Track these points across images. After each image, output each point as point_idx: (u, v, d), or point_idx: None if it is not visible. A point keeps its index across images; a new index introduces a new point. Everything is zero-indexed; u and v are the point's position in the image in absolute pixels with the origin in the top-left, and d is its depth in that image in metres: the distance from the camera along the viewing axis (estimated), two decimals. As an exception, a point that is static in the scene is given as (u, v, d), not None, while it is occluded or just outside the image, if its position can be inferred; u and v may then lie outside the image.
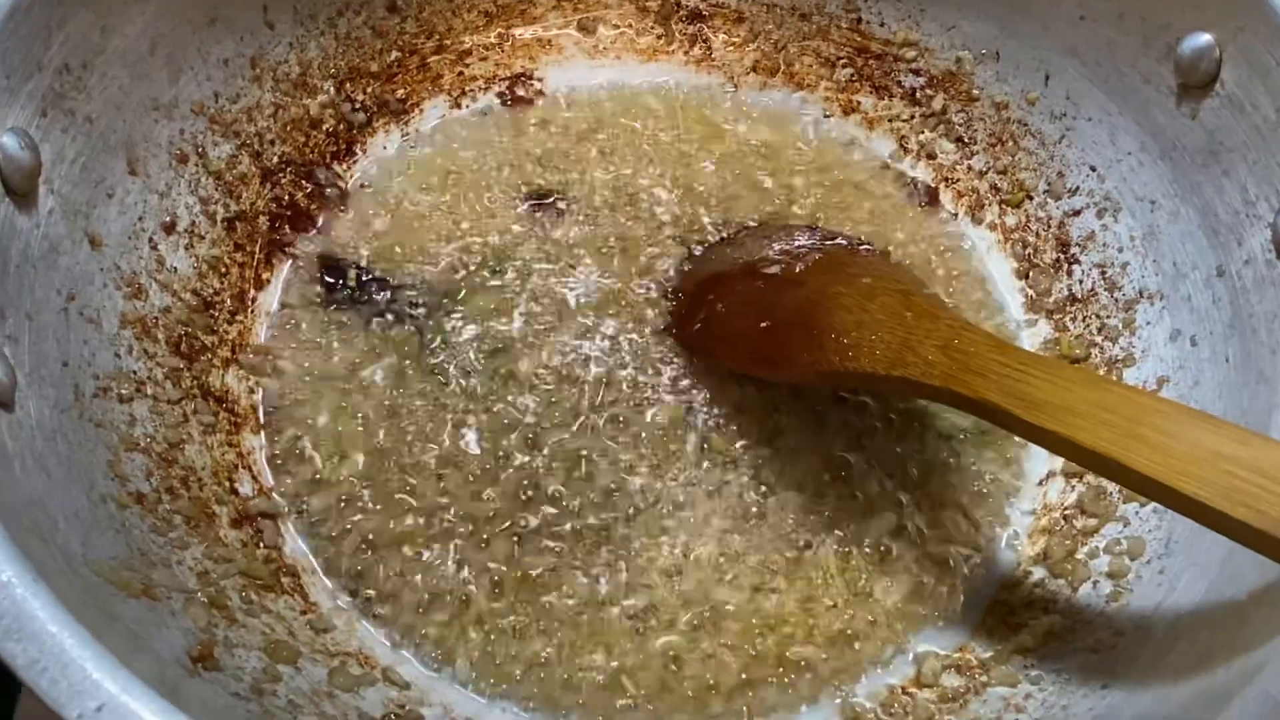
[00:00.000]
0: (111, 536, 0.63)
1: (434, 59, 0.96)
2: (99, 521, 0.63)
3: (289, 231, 0.87)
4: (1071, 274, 0.88)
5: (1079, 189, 0.88)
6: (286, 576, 0.73)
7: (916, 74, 0.96)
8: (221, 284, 0.82)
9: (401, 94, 0.94)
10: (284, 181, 0.88)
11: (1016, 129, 0.92)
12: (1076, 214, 0.88)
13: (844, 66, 0.98)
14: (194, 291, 0.80)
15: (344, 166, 0.91)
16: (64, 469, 0.63)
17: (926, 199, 0.94)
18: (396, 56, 0.94)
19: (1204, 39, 0.76)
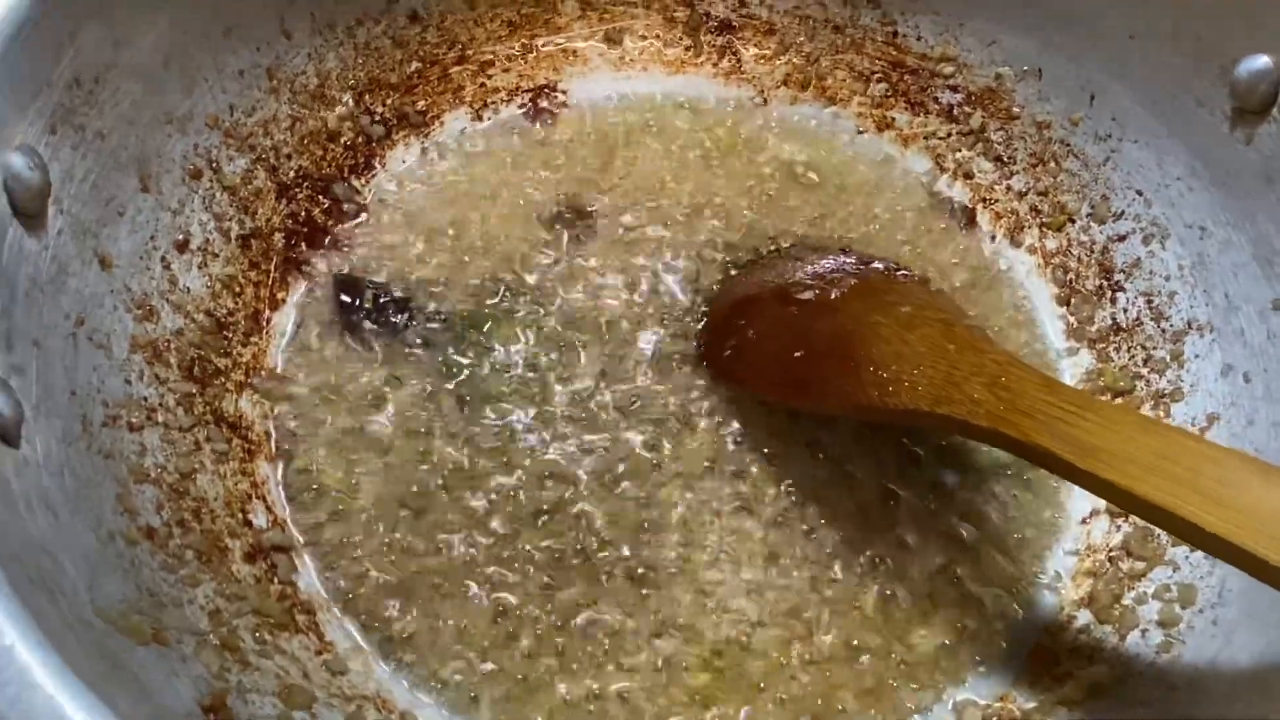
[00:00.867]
0: (120, 577, 0.60)
1: (455, 70, 0.93)
2: (107, 561, 0.60)
3: (305, 249, 0.84)
4: (1115, 302, 0.84)
5: (1124, 213, 0.85)
6: (301, 614, 0.70)
7: (954, 90, 0.93)
8: (236, 304, 0.79)
9: (422, 106, 0.91)
10: (300, 197, 0.85)
11: (1059, 149, 0.88)
12: (1121, 239, 0.85)
13: (878, 81, 0.94)
14: (207, 312, 0.77)
15: (362, 181, 0.88)
16: (71, 506, 0.60)
17: (964, 220, 0.90)
18: (417, 67, 0.91)
19: (1262, 61, 0.73)
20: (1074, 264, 0.87)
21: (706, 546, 0.74)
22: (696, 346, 0.81)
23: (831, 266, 0.81)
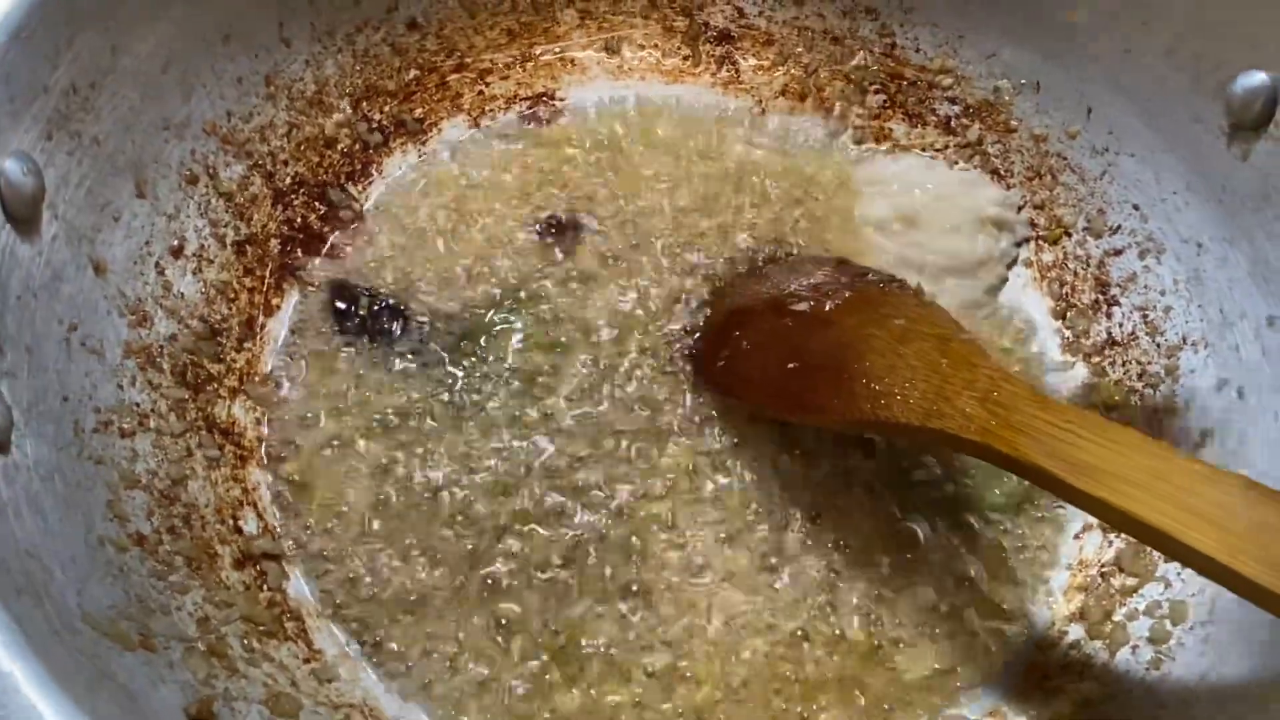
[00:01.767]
0: (109, 583, 0.60)
1: (454, 77, 0.93)
2: (96, 567, 0.60)
3: (301, 255, 0.84)
4: (1111, 316, 0.84)
5: (1120, 228, 0.85)
6: (290, 621, 0.70)
7: (952, 102, 0.93)
8: (230, 310, 0.80)
9: (419, 113, 0.91)
10: (296, 203, 0.85)
11: (1055, 163, 0.88)
12: (1117, 254, 0.85)
13: (876, 92, 0.94)
14: (201, 318, 0.77)
15: (359, 188, 0.88)
16: (61, 511, 0.60)
17: (960, 233, 0.90)
18: (415, 75, 0.92)
19: (1259, 78, 0.73)
20: (1070, 278, 0.87)
21: (698, 562, 0.74)
22: (690, 357, 0.81)
23: (827, 278, 0.81)
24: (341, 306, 0.82)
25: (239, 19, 0.79)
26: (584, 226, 0.87)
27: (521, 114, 0.93)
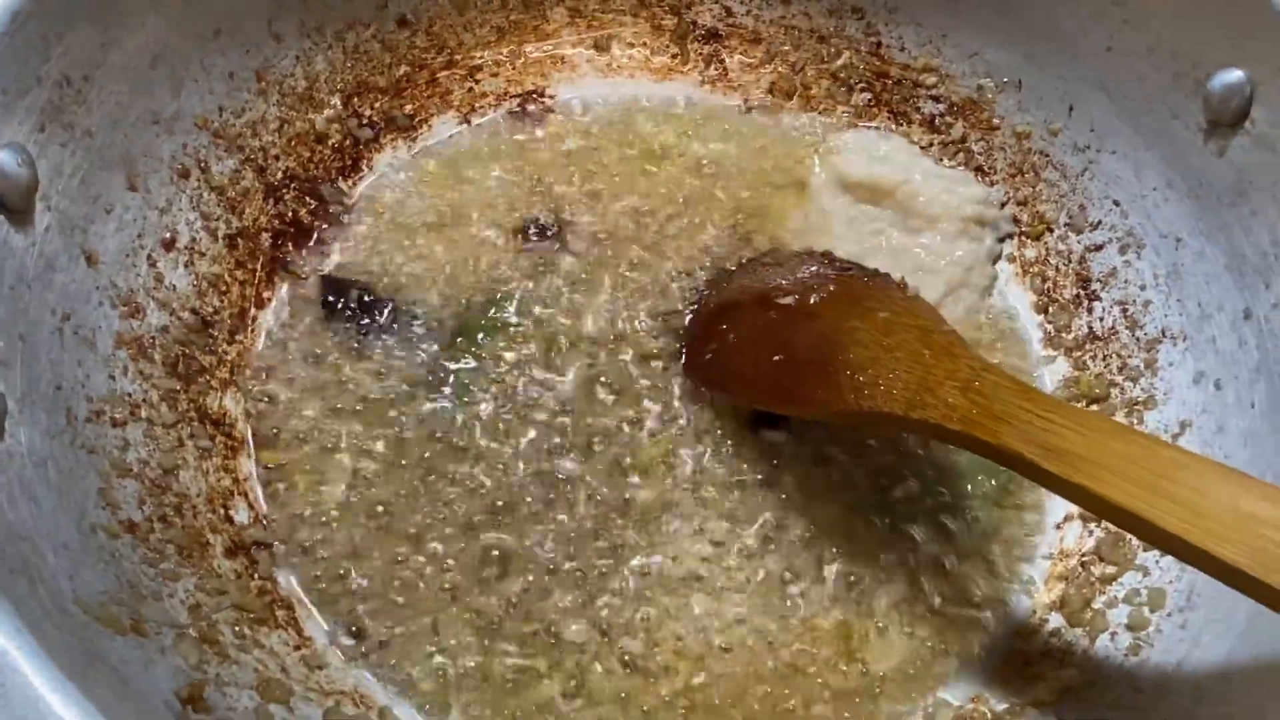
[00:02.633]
0: (101, 569, 0.61)
1: (444, 74, 0.94)
2: (89, 553, 0.61)
3: (292, 249, 0.85)
4: (1092, 311, 0.85)
5: (1101, 223, 0.86)
6: (281, 609, 0.71)
7: (936, 100, 0.94)
8: (221, 302, 0.80)
9: (410, 110, 0.92)
10: (288, 197, 0.86)
11: (1038, 160, 0.90)
12: (1098, 249, 0.86)
13: (862, 91, 0.95)
14: (193, 310, 0.78)
15: (349, 183, 0.89)
16: (54, 498, 0.61)
17: (944, 229, 0.91)
18: (405, 71, 0.92)
19: (1236, 75, 0.74)
20: (1052, 273, 0.88)
21: (679, 556, 0.75)
22: (678, 351, 0.82)
23: (812, 272, 0.82)
24: (332, 300, 0.83)
25: (229, 14, 0.80)
26: (573, 223, 0.88)
27: (511, 111, 0.94)
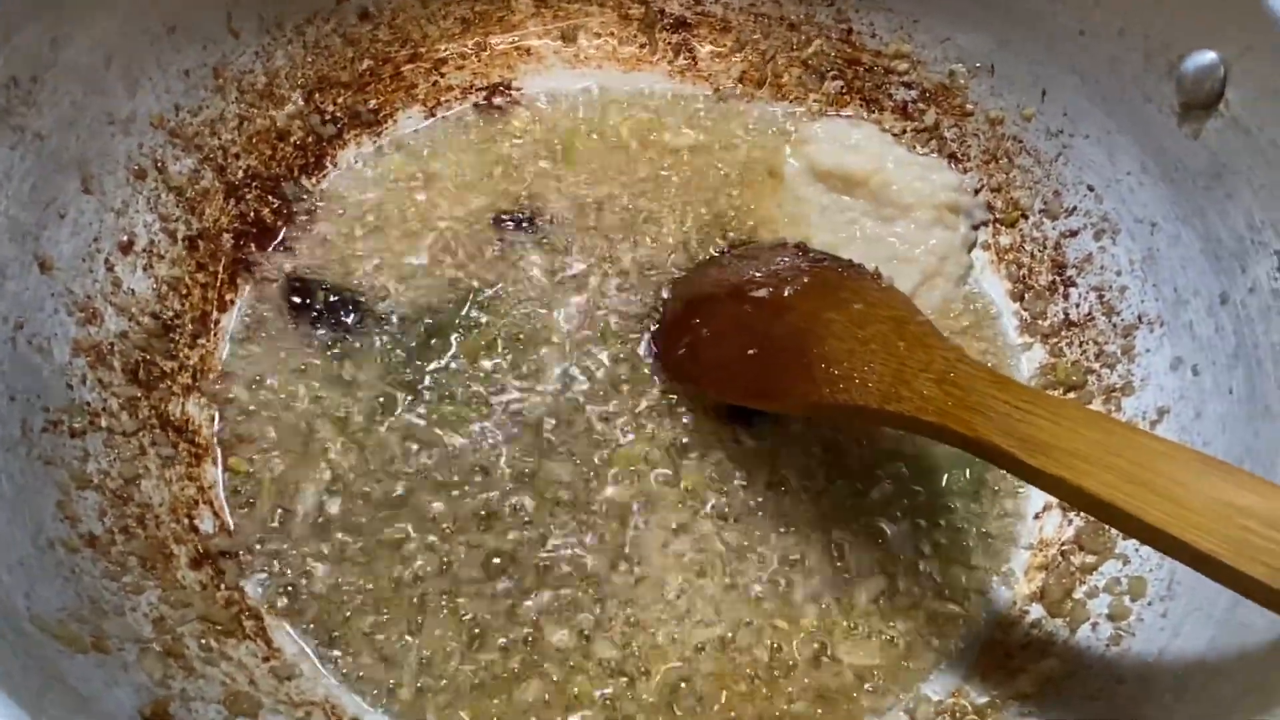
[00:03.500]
0: (60, 586, 0.59)
1: (408, 68, 0.92)
2: (46, 570, 0.59)
3: (254, 249, 0.83)
4: (1068, 297, 0.85)
5: (1076, 209, 0.85)
6: (249, 620, 0.69)
7: (908, 87, 0.93)
8: (182, 306, 0.78)
9: (374, 104, 0.90)
10: (249, 197, 0.84)
11: (1011, 145, 0.89)
12: (1073, 235, 0.85)
13: (833, 78, 0.94)
14: (153, 314, 0.76)
15: (313, 180, 0.87)
16: (8, 514, 0.59)
17: (918, 217, 0.90)
18: (369, 65, 0.90)
19: (1209, 57, 0.73)
20: (1027, 260, 0.87)
21: (659, 559, 0.74)
22: (649, 347, 0.81)
23: (786, 263, 0.81)
24: (298, 300, 0.81)
25: (184, 11, 0.78)
26: (543, 218, 0.86)
27: (477, 104, 0.92)
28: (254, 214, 0.84)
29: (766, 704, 0.70)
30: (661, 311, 0.82)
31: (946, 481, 0.78)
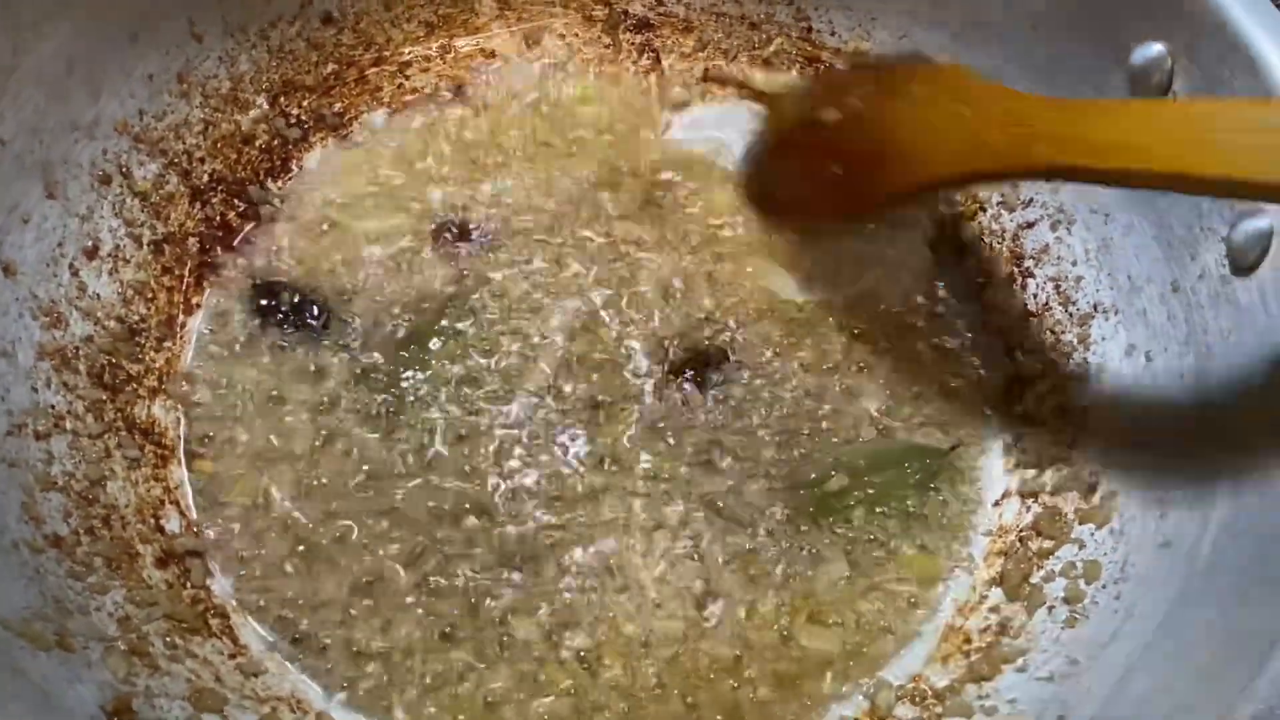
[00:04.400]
0: (24, 586, 0.60)
1: (373, 71, 0.93)
2: (10, 570, 0.60)
3: (220, 253, 0.84)
4: (1026, 288, 0.86)
5: (1033, 200, 0.87)
6: (215, 618, 0.70)
7: (868, 83, 0.94)
8: (148, 309, 0.79)
9: (339, 108, 0.91)
10: (215, 201, 0.85)
11: (969, 139, 0.90)
12: (1030, 226, 0.87)
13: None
14: (118, 318, 0.77)
15: (279, 184, 0.88)
16: (-29, 515, 0.60)
17: (879, 211, 0.92)
18: (333, 69, 0.91)
19: (1156, 49, 0.74)
20: (986, 252, 0.88)
21: (622, 551, 0.75)
22: (744, 191, 0.86)
23: (846, 76, 0.86)
24: (264, 303, 0.82)
25: (146, 16, 0.78)
26: (511, 218, 0.87)
27: (441, 106, 0.93)
28: (219, 218, 0.84)
29: (729, 690, 0.71)
30: (745, 164, 0.87)
31: (900, 474, 0.79)
